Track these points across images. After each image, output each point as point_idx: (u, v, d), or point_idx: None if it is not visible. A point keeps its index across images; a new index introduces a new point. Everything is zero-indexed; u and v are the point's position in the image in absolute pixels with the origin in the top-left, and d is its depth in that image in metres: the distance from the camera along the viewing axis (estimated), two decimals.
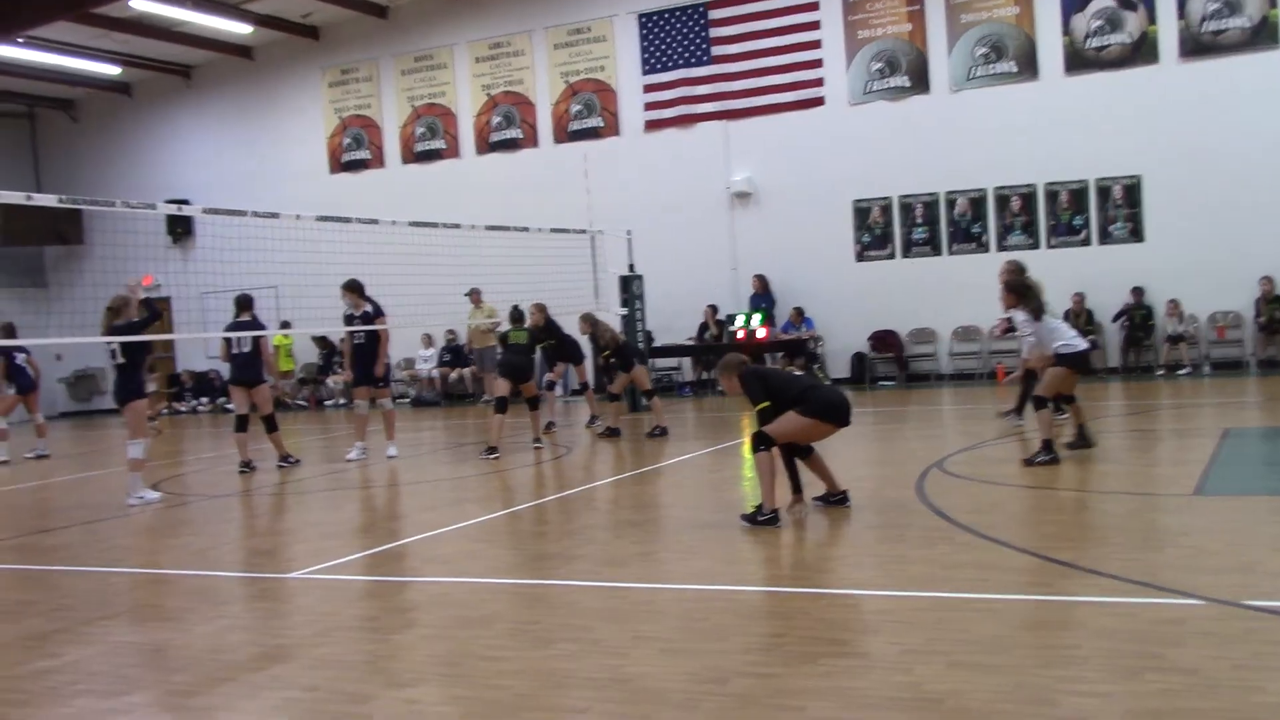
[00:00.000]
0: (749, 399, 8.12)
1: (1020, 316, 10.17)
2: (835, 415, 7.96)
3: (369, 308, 13.38)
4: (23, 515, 11.31)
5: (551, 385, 16.13)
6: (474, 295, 19.81)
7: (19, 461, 15.77)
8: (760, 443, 7.89)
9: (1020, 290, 10.19)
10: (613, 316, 17.46)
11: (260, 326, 13.31)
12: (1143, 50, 18.86)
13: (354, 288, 13.37)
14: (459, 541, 8.19)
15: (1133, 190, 19.05)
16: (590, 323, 15.15)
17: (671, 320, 20.88)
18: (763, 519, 7.73)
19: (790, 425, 7.87)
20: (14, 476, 14.40)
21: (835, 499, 8.27)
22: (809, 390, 8.05)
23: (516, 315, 14.40)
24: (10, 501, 12.43)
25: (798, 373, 8.91)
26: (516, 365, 13.75)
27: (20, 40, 21.88)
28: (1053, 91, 19.28)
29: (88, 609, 6.71)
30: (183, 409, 25.56)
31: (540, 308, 15.02)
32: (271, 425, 13.18)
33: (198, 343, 25.52)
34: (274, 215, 13.08)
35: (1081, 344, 9.98)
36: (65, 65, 24.43)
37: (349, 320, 13.52)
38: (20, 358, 16.48)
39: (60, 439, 19.92)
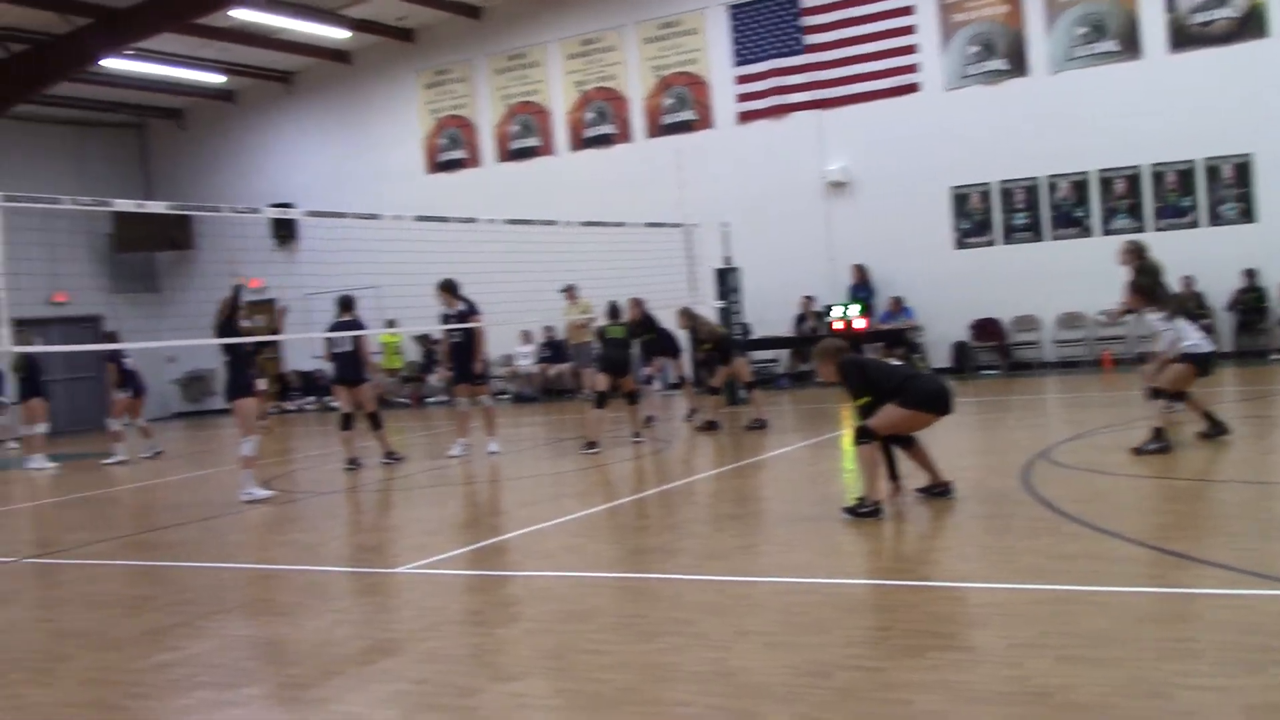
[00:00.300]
0: (847, 390, 8.06)
1: (1155, 317, 10.13)
2: (936, 404, 7.87)
3: (463, 306, 13.58)
4: (141, 513, 11.68)
5: (649, 380, 16.17)
6: (569, 292, 19.93)
7: (136, 461, 16.27)
8: (862, 436, 7.84)
9: (1150, 291, 10.18)
10: (709, 310, 17.43)
11: (362, 326, 13.57)
12: (1250, 24, 18.24)
13: (447, 287, 13.57)
14: (560, 536, 8.26)
15: (1243, 169, 18.45)
16: (689, 317, 15.17)
17: (768, 312, 20.76)
18: (865, 511, 7.67)
19: (892, 417, 7.81)
20: (131, 475, 14.87)
21: (938, 490, 8.17)
22: (908, 380, 7.96)
23: (614, 310, 14.47)
24: (129, 499, 12.85)
25: (896, 363, 8.80)
26: (615, 360, 13.83)
27: (129, 53, 22.54)
28: (1156, 70, 18.75)
29: (204, 604, 6.91)
30: (290, 408, 26.14)
31: (637, 302, 15.08)
32: (376, 423, 13.44)
33: (303, 343, 26.10)
34: (374, 216, 13.32)
35: (1208, 345, 9.94)
36: (172, 75, 25.10)
37: (445, 319, 13.74)
38: (129, 361, 17.01)
39: (174, 439, 20.51)
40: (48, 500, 13.19)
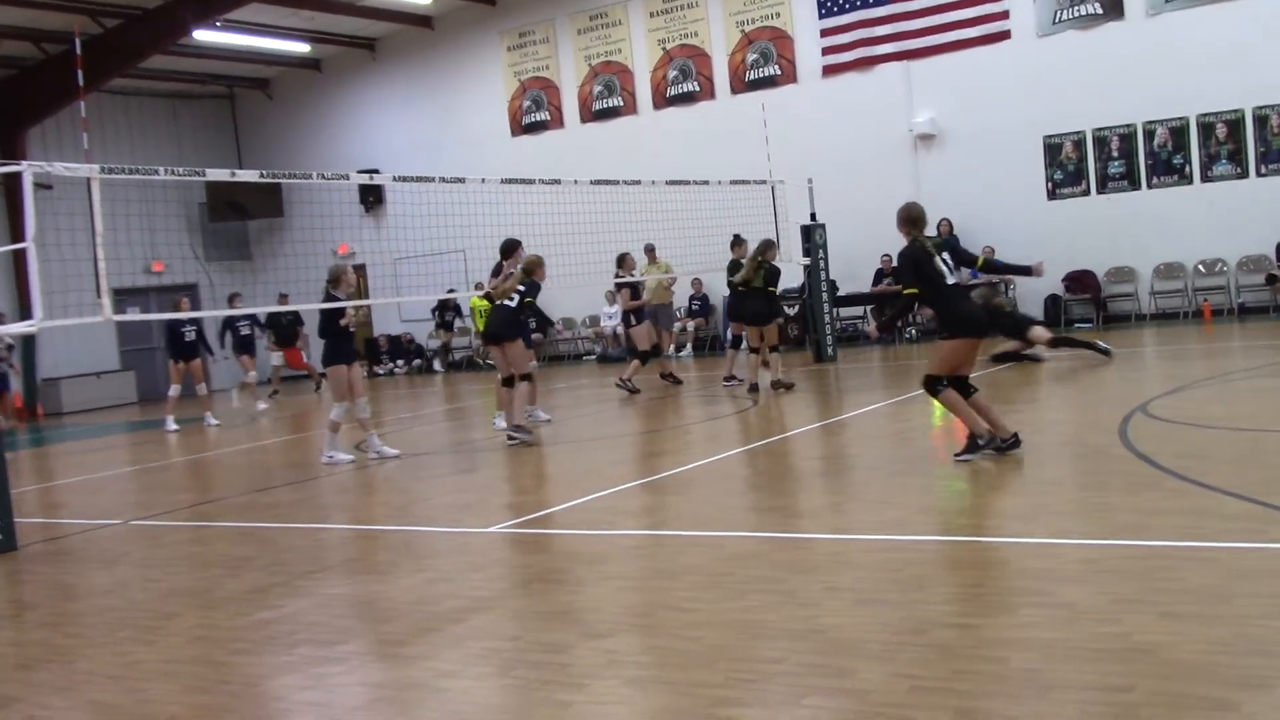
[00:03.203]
0: (899, 275, 8.38)
1: None
2: (970, 328, 8.04)
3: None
4: (240, 475, 11.95)
5: (738, 341, 15.86)
6: (649, 252, 19.81)
7: (225, 425, 16.62)
8: (934, 385, 8.04)
9: None
10: (795, 266, 17.26)
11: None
12: None
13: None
14: (648, 495, 8.28)
15: None
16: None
17: (856, 268, 20.54)
18: (983, 444, 7.89)
19: (944, 356, 8.02)
20: (232, 439, 15.23)
21: (1007, 444, 8.03)
22: (951, 295, 8.09)
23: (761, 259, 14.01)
24: (229, 462, 13.17)
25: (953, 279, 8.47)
26: (757, 312, 13.82)
27: (218, 24, 22.90)
28: (1261, 9, 18.02)
29: (302, 563, 7.05)
30: (380, 371, 26.53)
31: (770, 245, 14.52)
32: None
33: (392, 307, 26.46)
34: (460, 180, 13.39)
35: None
36: (259, 45, 25.46)
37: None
38: (244, 325, 17.39)
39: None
40: (147, 465, 13.57)
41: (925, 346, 8.31)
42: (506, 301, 11.62)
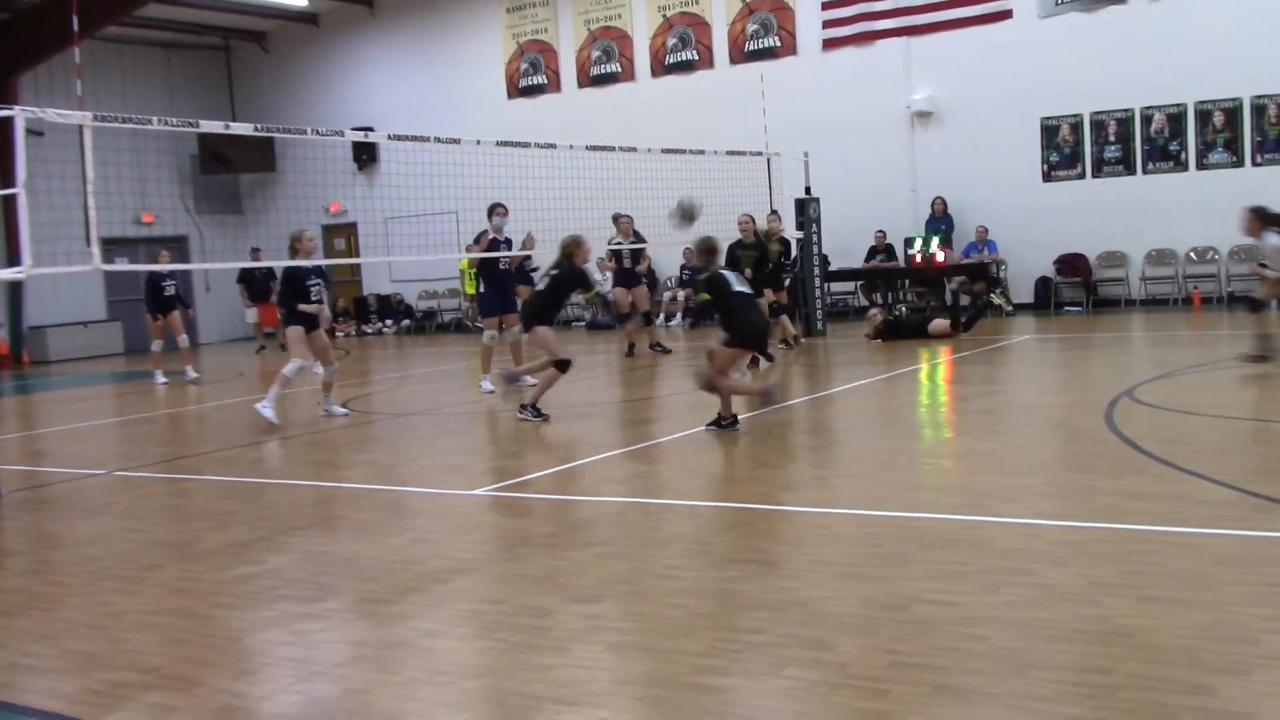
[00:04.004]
0: (697, 287, 9.45)
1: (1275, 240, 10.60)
2: (749, 341, 9.26)
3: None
4: (223, 430, 11.92)
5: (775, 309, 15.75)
6: (617, 220, 19.51)
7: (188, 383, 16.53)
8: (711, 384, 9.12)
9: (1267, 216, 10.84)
10: (789, 240, 17.24)
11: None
12: None
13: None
14: (635, 463, 8.29)
15: None
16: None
17: (849, 243, 20.52)
18: (725, 424, 8.97)
19: (722, 360, 9.09)
20: (217, 393, 15.19)
21: (727, 424, 9.06)
22: (740, 308, 9.04)
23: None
24: (213, 417, 13.14)
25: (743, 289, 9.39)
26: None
27: None
28: None
29: (285, 519, 7.06)
30: (369, 330, 26.48)
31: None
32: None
33: (381, 266, 26.38)
34: (455, 141, 13.30)
35: None
36: None
37: (495, 246, 13.17)
38: (169, 285, 17.23)
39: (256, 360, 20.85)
40: (132, 416, 13.54)
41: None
42: (538, 287, 11.11)
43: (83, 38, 20.40)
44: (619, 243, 16.44)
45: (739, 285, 9.21)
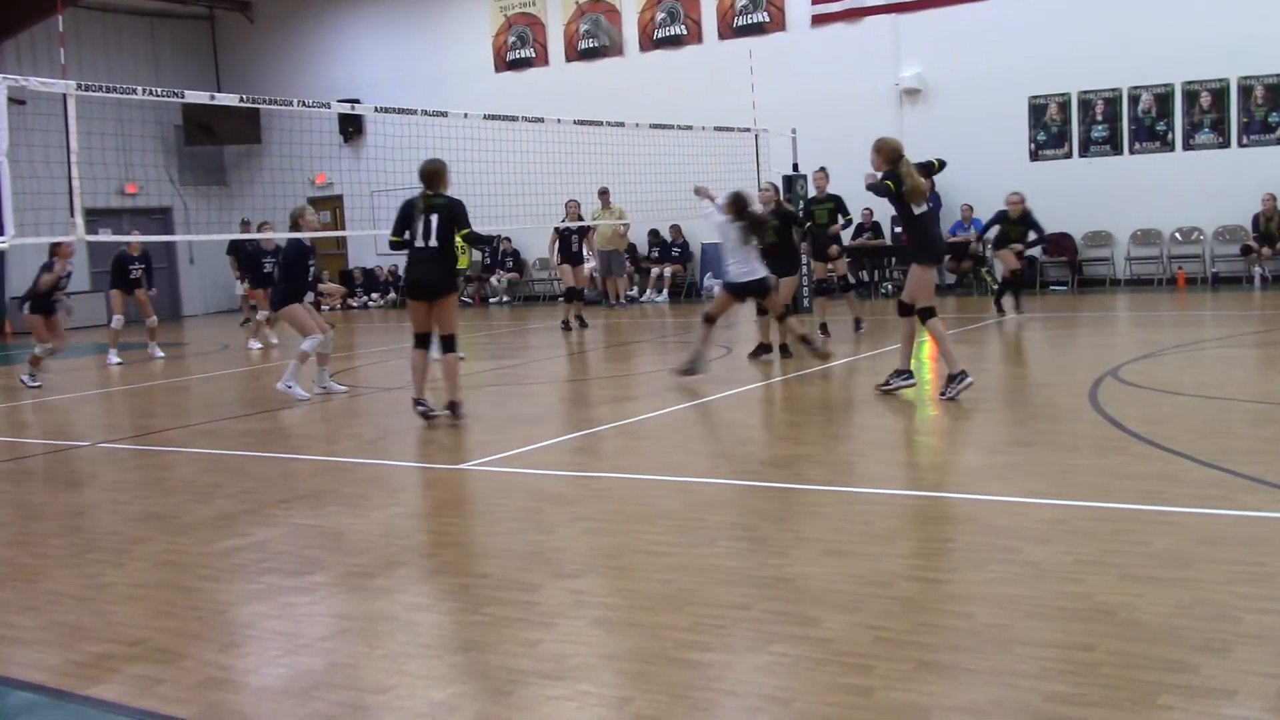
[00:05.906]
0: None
1: None
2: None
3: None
4: (209, 403, 11.89)
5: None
6: (603, 196, 19.54)
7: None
8: (922, 314, 8.95)
9: None
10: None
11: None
12: None
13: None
14: (623, 438, 8.30)
15: None
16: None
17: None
18: (968, 382, 8.56)
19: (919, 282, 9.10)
20: (203, 365, 15.14)
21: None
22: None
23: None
24: (199, 390, 13.09)
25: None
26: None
27: None
28: None
29: (271, 492, 7.05)
30: (355, 305, 26.39)
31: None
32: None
33: (368, 240, 26.27)
34: (443, 114, 13.25)
35: None
36: None
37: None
38: (135, 268, 17.07)
39: (224, 332, 20.77)
40: (116, 388, 13.49)
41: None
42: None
43: (66, 6, 20.18)
44: (567, 225, 17.28)
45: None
